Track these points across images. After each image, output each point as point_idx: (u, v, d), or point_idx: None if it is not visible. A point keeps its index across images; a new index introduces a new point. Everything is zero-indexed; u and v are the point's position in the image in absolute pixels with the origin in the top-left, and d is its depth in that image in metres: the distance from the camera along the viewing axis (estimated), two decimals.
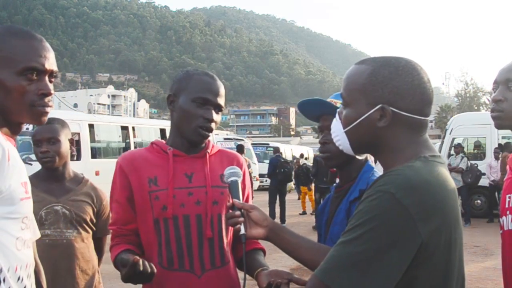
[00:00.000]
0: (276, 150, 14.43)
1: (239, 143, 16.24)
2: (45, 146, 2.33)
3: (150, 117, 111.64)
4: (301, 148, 29.64)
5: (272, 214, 11.80)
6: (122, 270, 1.56)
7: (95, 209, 2.44)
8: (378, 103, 1.19)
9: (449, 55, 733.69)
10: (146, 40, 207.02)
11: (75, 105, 64.42)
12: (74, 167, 2.56)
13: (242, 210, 1.56)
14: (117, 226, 1.81)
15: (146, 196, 1.75)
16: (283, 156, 20.13)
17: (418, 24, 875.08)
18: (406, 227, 1.07)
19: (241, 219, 1.54)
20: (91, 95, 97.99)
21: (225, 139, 20.52)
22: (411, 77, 1.20)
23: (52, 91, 1.30)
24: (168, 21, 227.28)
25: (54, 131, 2.34)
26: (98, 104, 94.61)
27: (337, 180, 1.84)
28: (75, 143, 12.29)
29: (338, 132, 1.30)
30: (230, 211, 1.58)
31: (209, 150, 1.84)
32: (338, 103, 1.70)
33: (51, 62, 1.30)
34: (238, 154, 1.98)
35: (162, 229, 1.73)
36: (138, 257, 1.50)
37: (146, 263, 1.51)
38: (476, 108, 53.44)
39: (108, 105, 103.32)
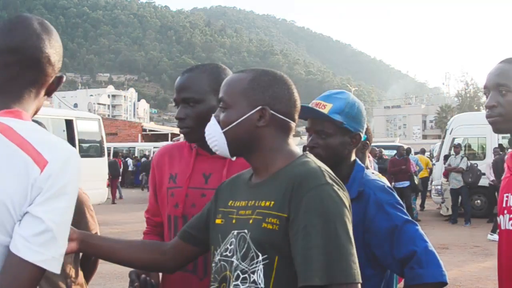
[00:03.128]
0: None
1: None
2: None
3: (150, 117, 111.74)
4: None
5: None
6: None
7: None
8: (258, 105, 1.33)
9: (449, 55, 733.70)
10: (146, 40, 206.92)
11: (75, 105, 64.48)
12: None
13: None
14: (148, 215, 1.91)
15: (165, 192, 1.78)
16: None
17: (418, 24, 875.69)
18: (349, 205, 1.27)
19: None
20: (91, 95, 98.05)
21: None
22: (287, 86, 1.37)
23: None
24: (168, 21, 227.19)
25: None
26: (98, 104, 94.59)
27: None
28: None
29: (214, 133, 1.37)
30: None
31: None
32: (327, 106, 1.70)
33: None
34: None
35: (172, 226, 1.75)
36: (138, 284, 1.58)
37: (148, 284, 1.57)
38: (476, 108, 53.47)
39: (108, 105, 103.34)
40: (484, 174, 11.83)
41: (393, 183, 11.40)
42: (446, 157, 12.51)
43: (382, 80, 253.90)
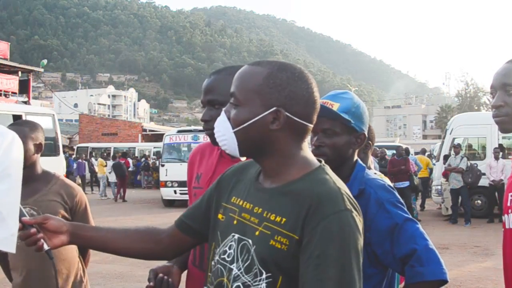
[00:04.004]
0: None
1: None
2: None
3: (150, 117, 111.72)
4: None
5: None
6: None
7: (67, 207, 2.39)
8: (273, 106, 1.20)
9: (449, 55, 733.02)
10: (146, 40, 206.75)
11: (75, 105, 64.48)
12: None
13: (35, 225, 1.40)
14: None
15: (191, 191, 1.83)
16: None
17: (418, 24, 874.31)
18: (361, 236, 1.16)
19: (40, 234, 1.40)
20: (92, 95, 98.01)
21: (179, 131, 16.40)
22: (306, 85, 1.23)
23: None
24: (168, 21, 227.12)
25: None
26: (99, 104, 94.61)
27: None
28: None
29: (225, 132, 1.26)
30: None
31: None
32: (335, 105, 1.69)
33: None
34: None
35: None
36: (152, 284, 1.54)
37: (164, 284, 1.55)
38: (476, 108, 53.56)
39: (109, 105, 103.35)
40: (484, 174, 11.85)
41: (393, 183, 11.36)
42: (446, 157, 12.51)
43: (382, 80, 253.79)
